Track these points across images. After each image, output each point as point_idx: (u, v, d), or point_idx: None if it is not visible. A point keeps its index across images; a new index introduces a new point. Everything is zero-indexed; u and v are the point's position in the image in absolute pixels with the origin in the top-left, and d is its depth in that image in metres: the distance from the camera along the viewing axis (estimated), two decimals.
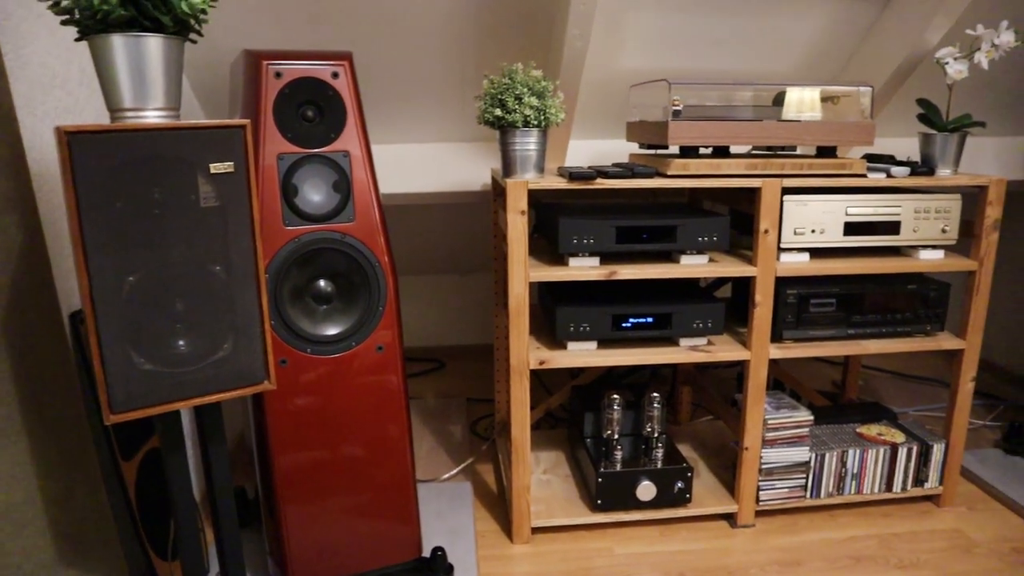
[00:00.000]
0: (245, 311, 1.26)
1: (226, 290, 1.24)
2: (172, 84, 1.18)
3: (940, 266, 2.04)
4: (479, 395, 3.05)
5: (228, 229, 1.23)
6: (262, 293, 1.28)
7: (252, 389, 1.30)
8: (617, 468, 2.03)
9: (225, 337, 1.25)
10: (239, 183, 1.23)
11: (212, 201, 1.20)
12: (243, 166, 1.23)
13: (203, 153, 1.18)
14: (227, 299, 1.24)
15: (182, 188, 1.17)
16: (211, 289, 1.22)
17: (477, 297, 3.50)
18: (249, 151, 1.23)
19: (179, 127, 1.15)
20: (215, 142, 1.19)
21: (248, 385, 1.29)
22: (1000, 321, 3.33)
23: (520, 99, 1.81)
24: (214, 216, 1.21)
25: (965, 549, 2.02)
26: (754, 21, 2.17)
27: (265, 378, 1.31)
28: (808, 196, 1.94)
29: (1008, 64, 2.42)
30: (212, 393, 1.24)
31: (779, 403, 2.11)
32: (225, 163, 1.19)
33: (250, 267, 1.26)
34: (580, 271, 1.86)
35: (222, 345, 1.24)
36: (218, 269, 1.22)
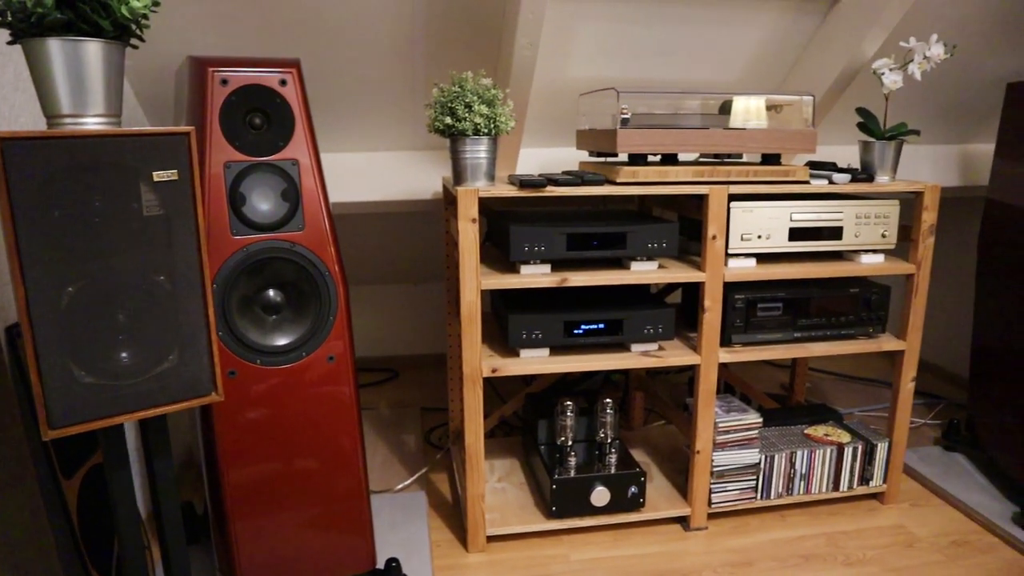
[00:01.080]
0: (191, 322, 1.24)
1: (171, 300, 1.21)
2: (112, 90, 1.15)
3: (880, 270, 2.10)
4: (433, 404, 3.03)
5: (173, 238, 1.20)
6: (208, 303, 1.25)
7: (199, 401, 1.27)
8: (571, 474, 2.04)
9: (170, 348, 1.22)
10: (183, 191, 1.21)
11: (156, 210, 1.18)
12: (188, 174, 1.21)
13: (146, 161, 1.15)
14: (172, 309, 1.21)
15: (124, 196, 1.14)
16: (155, 299, 1.19)
17: (430, 306, 3.49)
18: (194, 159, 1.21)
19: (120, 134, 1.12)
20: (158, 150, 1.16)
21: (195, 397, 1.26)
22: (938, 323, 3.44)
23: (470, 107, 1.81)
24: (158, 225, 1.18)
25: (908, 544, 2.08)
26: (700, 32, 2.21)
27: (212, 390, 1.29)
28: (754, 203, 1.98)
29: (940, 75, 2.51)
30: (157, 406, 1.21)
31: (729, 406, 2.15)
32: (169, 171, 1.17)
33: (196, 277, 1.24)
34: (532, 278, 1.87)
35: (167, 357, 1.21)
36: (162, 279, 1.20)
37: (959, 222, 3.28)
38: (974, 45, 2.42)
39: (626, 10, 2.09)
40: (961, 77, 2.57)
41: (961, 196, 3.05)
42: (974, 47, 2.43)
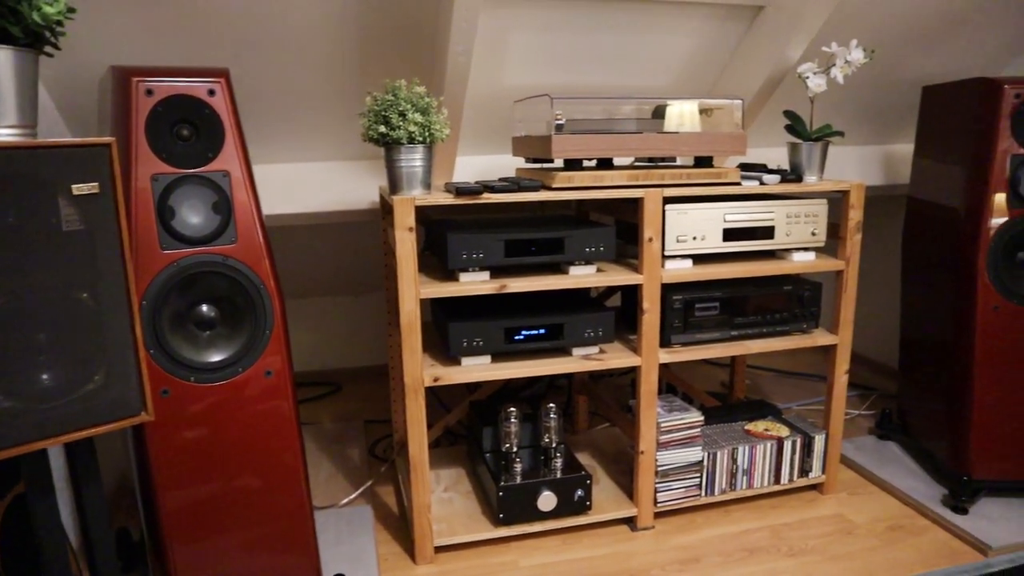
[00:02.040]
0: (117, 340, 1.20)
1: (95, 318, 1.17)
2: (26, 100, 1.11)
3: (812, 267, 2.16)
4: (377, 416, 3.00)
5: (96, 254, 1.16)
6: (136, 320, 1.21)
7: (128, 422, 1.23)
8: (517, 481, 2.04)
9: (95, 368, 1.17)
10: (106, 205, 1.17)
11: (76, 224, 1.13)
12: (110, 187, 1.17)
13: (64, 173, 1.11)
14: (97, 328, 1.17)
15: (41, 211, 1.10)
16: (78, 318, 1.15)
17: (371, 317, 3.45)
18: (116, 171, 1.17)
19: (35, 146, 1.08)
20: (77, 162, 1.12)
21: (123, 418, 1.22)
22: (869, 317, 3.56)
23: (404, 115, 1.80)
24: (79, 240, 1.14)
25: (847, 532, 2.13)
26: (631, 39, 2.25)
27: (142, 410, 1.24)
28: (688, 205, 2.02)
29: (861, 79, 2.60)
30: (82, 429, 1.17)
31: (671, 406, 2.18)
32: (89, 184, 1.13)
33: (121, 293, 1.20)
34: (471, 286, 1.87)
35: (92, 377, 1.17)
36: (85, 296, 1.15)
37: (885, 219, 3.40)
38: (891, 50, 2.52)
39: (558, 18, 2.11)
40: (881, 80, 2.66)
41: (885, 194, 3.16)
42: (891, 52, 2.53)
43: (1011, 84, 2.10)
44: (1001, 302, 2.14)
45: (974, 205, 2.16)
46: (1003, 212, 2.13)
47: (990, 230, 2.13)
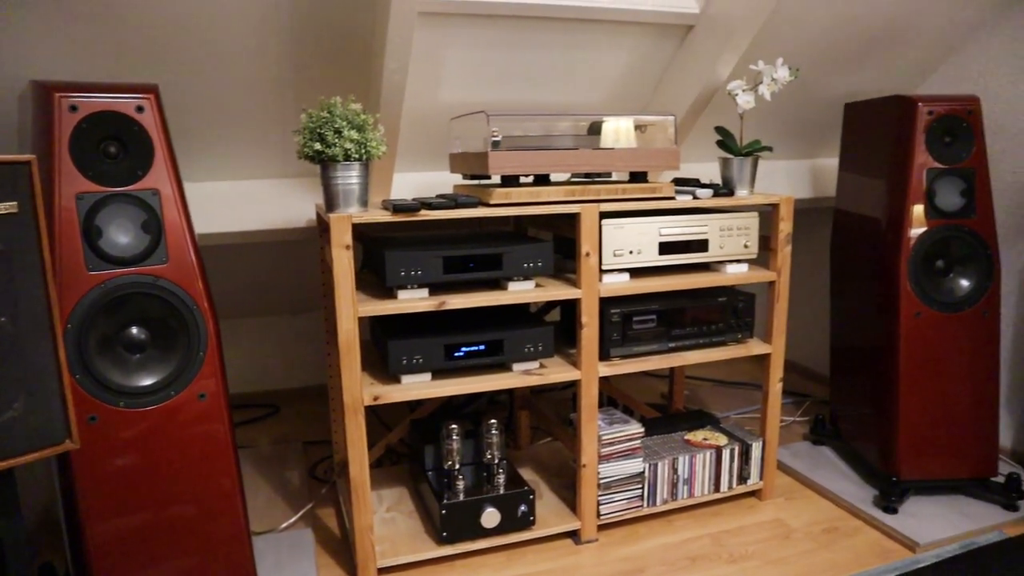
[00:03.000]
0: (39, 365, 1.15)
1: (13, 343, 1.12)
2: None
3: (745, 278, 2.22)
4: (317, 437, 2.94)
5: (14, 275, 1.12)
6: (59, 344, 1.17)
7: (51, 451, 1.18)
8: (460, 498, 2.02)
9: (14, 395, 1.12)
10: (26, 225, 1.13)
11: None
12: (30, 206, 1.13)
13: None
14: (15, 352, 1.12)
15: None
16: None
17: (310, 337, 3.40)
18: (37, 189, 1.13)
19: None
20: None
21: (46, 447, 1.17)
22: (802, 326, 3.66)
23: (340, 132, 1.79)
24: None
25: (785, 536, 2.18)
26: (566, 56, 2.28)
27: (67, 438, 1.20)
28: (624, 219, 2.05)
29: (788, 96, 2.69)
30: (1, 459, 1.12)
31: (612, 419, 2.20)
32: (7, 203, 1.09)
33: (43, 316, 1.15)
34: (409, 303, 1.86)
35: (11, 404, 1.12)
36: (3, 320, 1.11)
37: (814, 231, 3.51)
38: (815, 68, 2.61)
39: (493, 36, 2.13)
40: (806, 98, 2.76)
41: (813, 207, 3.26)
42: (815, 70, 2.62)
43: (924, 102, 2.20)
44: (922, 308, 2.23)
45: (895, 217, 2.25)
46: (922, 223, 2.22)
47: (910, 240, 2.22)
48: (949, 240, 2.24)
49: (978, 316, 2.25)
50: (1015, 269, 2.60)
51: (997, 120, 2.61)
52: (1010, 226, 2.60)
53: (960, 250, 2.25)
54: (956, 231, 2.23)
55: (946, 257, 2.26)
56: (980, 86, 2.66)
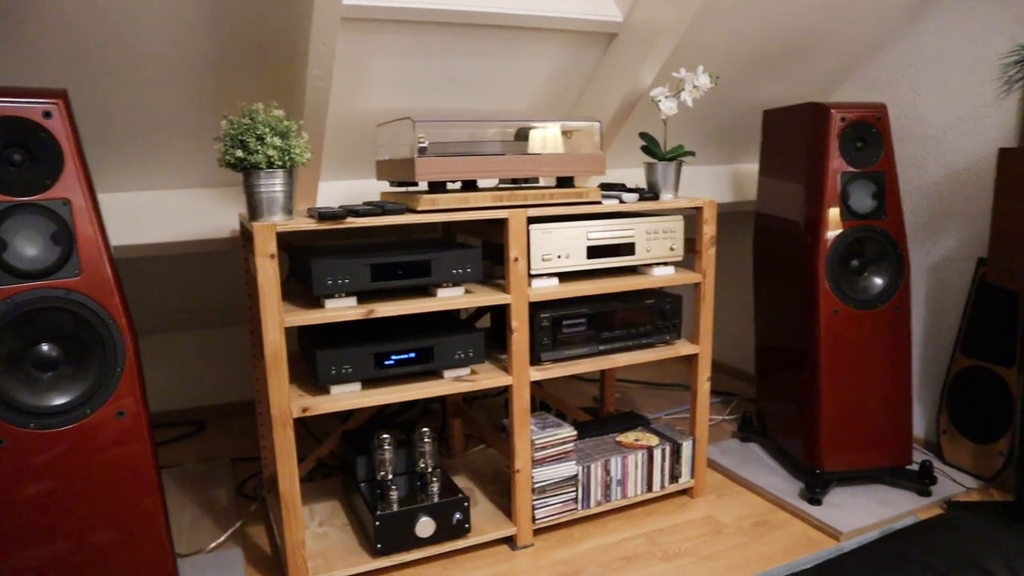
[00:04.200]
0: None
1: None
2: None
3: (671, 280, 2.26)
4: (245, 454, 2.86)
5: None
6: None
7: None
8: (394, 508, 2.00)
9: None
10: None
11: None
12: None
13: None
14: None
15: None
16: None
17: (236, 350, 3.31)
18: None
19: None
20: None
21: None
22: (727, 326, 3.76)
23: (262, 139, 1.75)
24: None
25: (717, 532, 2.23)
26: (492, 63, 2.29)
27: None
28: (552, 224, 2.07)
29: (709, 102, 2.76)
30: None
31: (544, 423, 2.21)
32: None
33: None
34: (337, 312, 1.83)
35: None
36: None
37: (738, 233, 3.61)
38: (735, 76, 2.69)
39: (418, 43, 2.12)
40: (726, 104, 2.84)
41: (736, 210, 3.36)
42: (735, 78, 2.70)
43: (837, 109, 2.29)
44: (840, 306, 2.32)
45: (812, 219, 2.33)
46: (837, 225, 2.31)
47: (827, 241, 2.30)
48: (863, 240, 2.34)
49: (891, 312, 2.35)
50: (923, 267, 2.72)
51: (903, 126, 2.73)
52: (917, 226, 2.73)
53: (873, 250, 2.35)
54: (869, 232, 2.32)
55: (860, 257, 2.36)
56: (887, 95, 2.78)
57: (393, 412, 3.07)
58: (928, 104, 2.64)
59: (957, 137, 2.56)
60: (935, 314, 2.70)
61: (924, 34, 2.62)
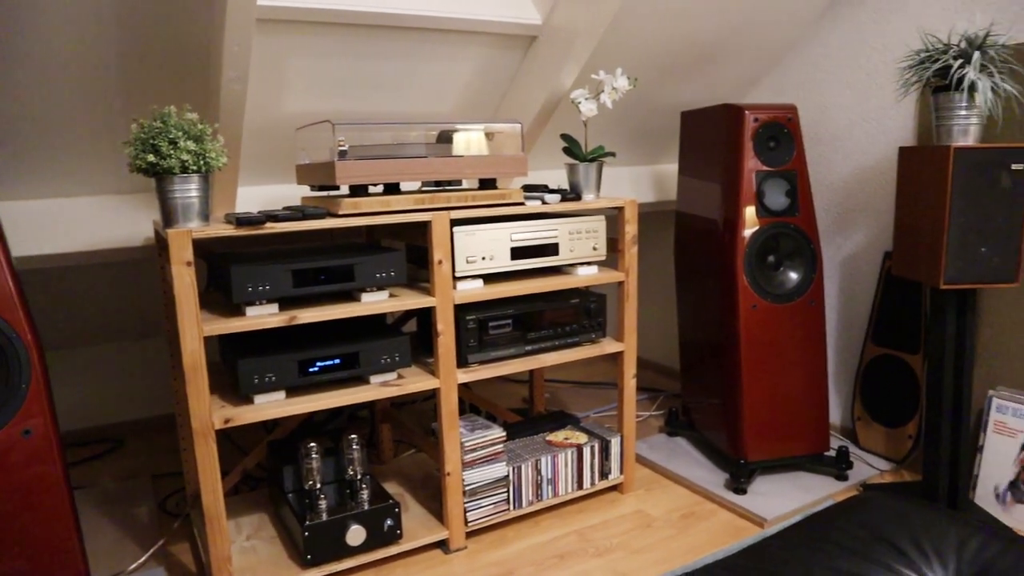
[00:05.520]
0: None
1: None
2: None
3: (595, 279, 2.29)
4: (166, 469, 2.77)
5: None
6: None
7: None
8: (323, 518, 1.96)
9: None
10: None
11: None
12: None
13: None
14: None
15: None
16: None
17: (155, 362, 3.20)
18: None
19: None
20: None
21: None
22: (652, 323, 3.84)
23: (175, 143, 1.70)
24: None
25: (647, 525, 2.27)
26: (412, 65, 2.28)
27: None
28: (476, 226, 2.07)
29: (629, 104, 2.81)
30: None
31: (474, 425, 2.21)
32: None
33: None
34: (258, 319, 1.79)
35: None
36: None
37: (660, 232, 3.69)
38: (652, 78, 2.75)
39: (337, 44, 2.10)
40: (645, 106, 2.90)
41: (658, 210, 3.43)
42: (653, 80, 2.76)
43: (751, 110, 2.37)
44: (758, 301, 2.39)
45: (729, 217, 2.40)
46: (754, 222, 2.38)
47: (744, 239, 2.38)
48: (778, 237, 2.42)
49: (806, 306, 2.44)
50: (835, 261, 2.84)
51: (812, 127, 2.84)
52: (828, 223, 2.84)
53: (788, 246, 2.43)
54: (784, 228, 2.41)
55: (776, 253, 2.44)
56: (797, 96, 2.89)
57: (321, 420, 3.02)
58: (835, 105, 2.76)
59: (862, 137, 2.68)
60: (847, 306, 2.82)
61: (830, 40, 2.74)
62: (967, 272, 2.00)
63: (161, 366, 3.21)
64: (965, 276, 2.00)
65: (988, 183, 1.96)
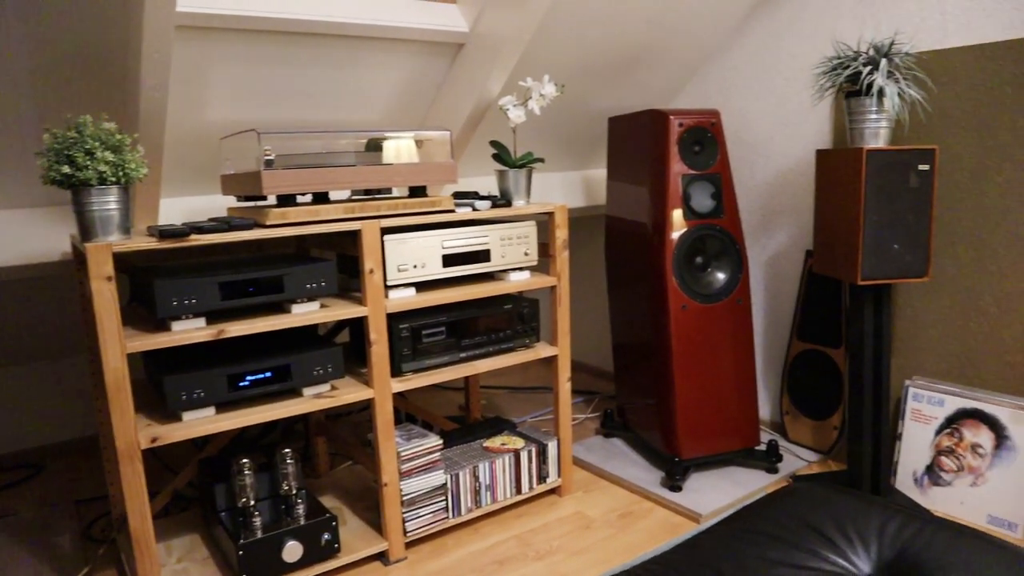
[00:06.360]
0: None
1: None
2: None
3: (528, 285, 2.31)
4: (91, 494, 2.66)
5: None
6: None
7: None
8: (258, 535, 1.92)
9: None
10: None
11: None
12: None
13: None
14: None
15: None
16: None
17: (75, 382, 3.07)
18: None
19: None
20: None
21: None
22: (586, 327, 3.88)
23: (92, 154, 1.65)
24: None
25: (586, 527, 2.29)
26: (339, 73, 2.26)
27: None
28: (407, 234, 2.06)
29: (557, 110, 2.85)
30: None
31: (410, 434, 2.19)
32: None
33: None
34: (185, 334, 1.74)
35: None
36: None
37: (593, 237, 3.74)
38: (580, 85, 2.79)
39: (262, 52, 2.06)
40: (574, 112, 2.94)
41: (589, 214, 3.48)
42: (580, 86, 2.80)
43: (675, 115, 2.43)
44: (687, 301, 2.45)
45: (658, 220, 2.45)
46: (681, 225, 2.44)
47: (672, 241, 2.43)
48: (705, 238, 2.48)
49: (734, 305, 2.51)
50: (760, 261, 2.93)
51: (735, 131, 2.93)
52: (753, 224, 2.93)
53: (714, 247, 2.50)
54: (710, 230, 2.47)
55: (704, 254, 2.50)
56: (720, 102, 2.98)
57: (254, 435, 2.95)
58: (756, 110, 2.85)
59: (782, 140, 2.78)
60: (772, 304, 2.91)
61: (750, 47, 2.83)
62: (882, 268, 2.09)
63: (82, 386, 3.09)
64: (880, 272, 2.09)
65: (898, 183, 2.06)
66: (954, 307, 2.34)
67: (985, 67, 2.18)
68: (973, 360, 2.31)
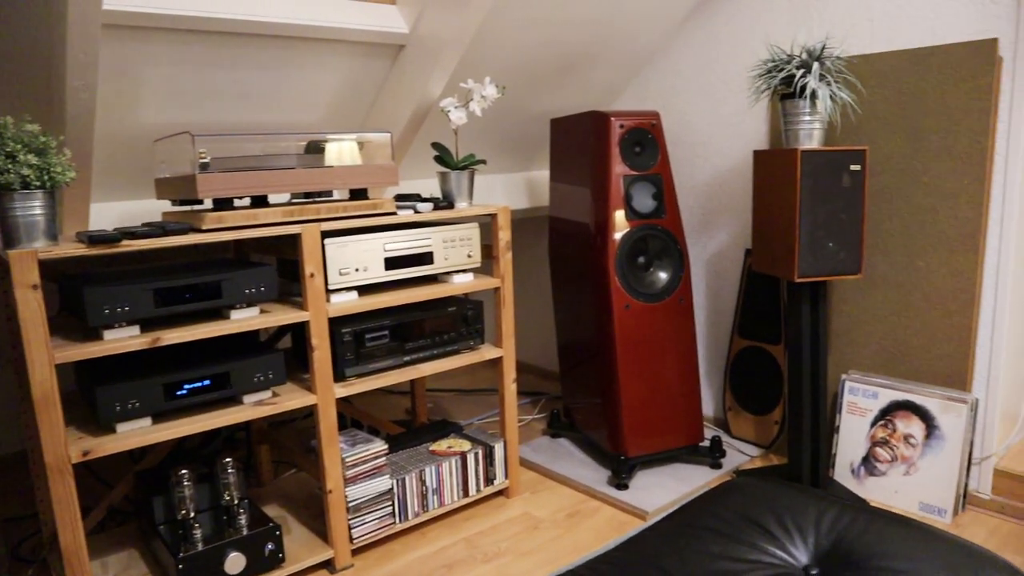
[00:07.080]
0: None
1: None
2: None
3: (471, 287, 2.30)
4: (18, 512, 2.56)
5: None
6: None
7: None
8: (198, 548, 1.87)
9: None
10: None
11: None
12: None
13: None
14: None
15: None
16: None
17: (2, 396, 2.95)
18: None
19: None
20: None
21: None
22: (532, 328, 3.89)
23: (14, 157, 1.58)
24: None
25: (534, 527, 2.29)
26: (277, 75, 2.22)
27: None
28: (348, 237, 2.04)
29: (499, 112, 2.85)
30: None
31: (354, 440, 2.17)
32: None
33: None
34: (117, 343, 1.68)
35: None
36: None
37: (537, 238, 3.75)
38: (521, 86, 2.80)
39: (195, 53, 2.01)
40: (516, 114, 2.94)
41: (533, 216, 3.49)
42: (522, 88, 2.81)
43: (616, 116, 2.45)
44: (630, 301, 2.47)
45: (600, 221, 2.47)
46: (624, 225, 2.46)
47: (615, 241, 2.45)
48: (647, 239, 2.51)
49: (676, 304, 2.54)
50: (701, 260, 2.98)
51: (675, 132, 2.98)
52: (693, 223, 2.98)
53: (656, 247, 2.53)
54: (652, 230, 2.50)
55: (646, 254, 2.53)
56: (660, 103, 3.02)
57: (194, 445, 2.87)
58: (695, 111, 2.90)
59: (721, 141, 2.83)
60: (714, 302, 2.96)
61: (687, 49, 2.88)
62: (817, 266, 2.14)
63: (8, 399, 2.96)
64: (816, 270, 2.14)
65: (831, 183, 2.12)
66: (886, 303, 2.41)
67: (911, 71, 2.26)
68: (905, 354, 2.39)
